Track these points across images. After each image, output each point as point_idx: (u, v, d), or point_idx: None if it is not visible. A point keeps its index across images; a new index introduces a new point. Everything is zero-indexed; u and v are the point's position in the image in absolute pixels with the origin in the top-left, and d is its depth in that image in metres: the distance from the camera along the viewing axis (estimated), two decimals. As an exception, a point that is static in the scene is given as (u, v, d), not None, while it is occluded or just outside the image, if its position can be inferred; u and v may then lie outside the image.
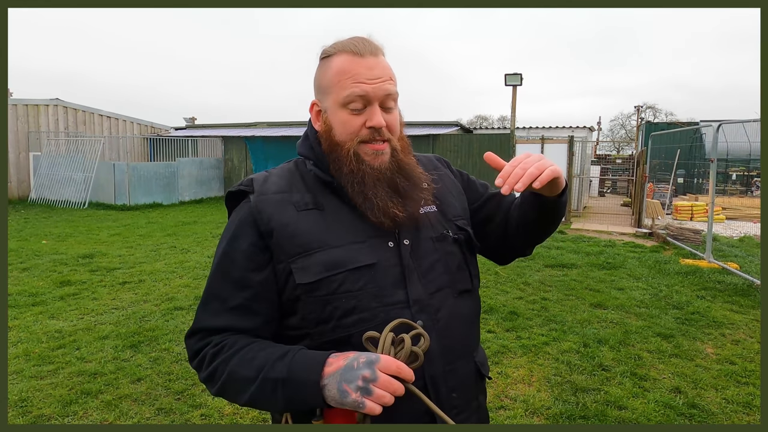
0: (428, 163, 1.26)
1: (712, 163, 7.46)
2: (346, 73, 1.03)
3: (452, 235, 1.12)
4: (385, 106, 1.05)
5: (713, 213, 7.27)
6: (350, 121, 1.04)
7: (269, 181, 1.10)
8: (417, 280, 1.04)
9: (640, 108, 34.80)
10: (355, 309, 0.99)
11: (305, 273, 1.00)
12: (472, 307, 1.14)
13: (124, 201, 13.82)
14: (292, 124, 17.41)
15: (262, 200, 1.06)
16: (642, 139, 21.18)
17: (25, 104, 15.70)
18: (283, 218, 1.03)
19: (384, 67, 1.06)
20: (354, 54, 1.04)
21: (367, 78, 1.02)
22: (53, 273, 6.38)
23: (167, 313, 4.89)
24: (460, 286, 1.11)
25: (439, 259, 1.09)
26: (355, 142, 1.04)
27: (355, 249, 1.02)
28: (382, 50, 1.09)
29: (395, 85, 1.07)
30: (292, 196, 1.07)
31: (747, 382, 3.59)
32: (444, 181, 1.23)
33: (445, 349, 1.04)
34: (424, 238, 1.09)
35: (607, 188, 21.73)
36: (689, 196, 16.51)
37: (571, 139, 11.96)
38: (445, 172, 1.27)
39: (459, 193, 1.24)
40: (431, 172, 1.21)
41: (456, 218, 1.17)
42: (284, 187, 1.09)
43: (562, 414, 3.13)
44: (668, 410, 3.20)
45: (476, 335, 1.17)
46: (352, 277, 1.00)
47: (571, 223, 11.50)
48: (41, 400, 3.22)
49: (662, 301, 5.45)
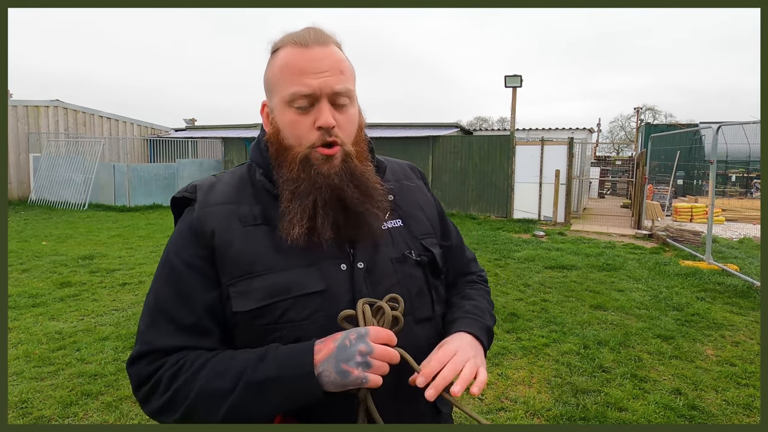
0: (399, 170, 1.14)
1: (712, 164, 7.46)
2: (289, 67, 0.91)
3: (414, 257, 1.00)
4: (336, 103, 0.92)
5: (713, 214, 7.28)
6: (298, 121, 0.92)
7: (215, 189, 0.98)
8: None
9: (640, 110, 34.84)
10: (300, 341, 0.87)
11: (245, 299, 0.89)
12: (431, 336, 1.00)
13: (124, 202, 13.83)
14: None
15: (205, 213, 0.94)
16: (641, 141, 21.21)
17: (25, 105, 15.71)
18: (226, 234, 0.92)
19: (334, 60, 0.92)
20: (298, 45, 0.92)
21: (312, 72, 0.90)
22: (53, 274, 6.38)
23: (167, 315, 4.88)
24: (420, 314, 0.99)
25: (398, 282, 0.97)
26: (305, 146, 0.91)
27: (302, 273, 0.91)
28: (335, 41, 0.96)
29: (349, 79, 0.94)
30: (239, 209, 0.95)
31: (747, 383, 3.59)
32: (414, 193, 1.11)
33: (399, 384, 0.91)
34: (383, 259, 0.97)
35: (607, 190, 21.75)
36: (689, 197, 16.53)
37: (570, 141, 11.97)
38: (418, 184, 1.15)
39: (430, 207, 1.13)
40: (401, 180, 1.10)
41: (423, 236, 1.05)
42: (231, 197, 0.97)
43: (563, 415, 3.13)
44: (668, 412, 3.20)
45: None
46: (298, 305, 0.89)
47: (570, 225, 11.51)
48: (41, 401, 3.22)
49: (662, 303, 5.45)
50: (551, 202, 11.95)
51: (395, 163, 1.16)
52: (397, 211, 1.05)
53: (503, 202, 12.68)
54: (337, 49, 0.95)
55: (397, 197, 1.06)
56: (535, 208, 12.23)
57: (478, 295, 1.14)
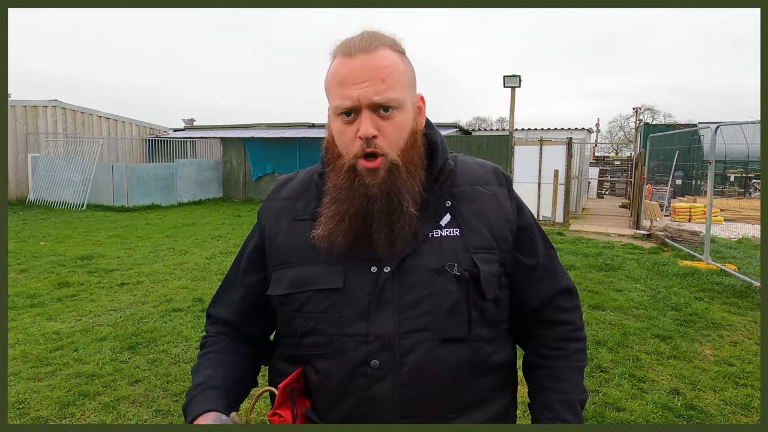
0: (478, 174, 1.06)
1: (711, 164, 7.47)
2: (335, 77, 0.93)
3: (454, 272, 0.94)
4: (380, 112, 0.91)
5: (711, 214, 7.28)
6: (344, 131, 0.93)
7: (287, 186, 1.10)
8: (390, 315, 0.92)
9: (639, 110, 34.88)
10: (313, 331, 0.96)
11: (277, 285, 1.01)
12: (461, 360, 0.94)
13: (122, 202, 13.81)
14: (291, 126, 17.41)
15: (268, 207, 1.09)
16: (640, 141, 21.23)
17: (23, 105, 15.70)
18: (275, 228, 1.04)
19: (376, 68, 0.90)
20: (344, 55, 0.92)
21: (352, 83, 0.90)
22: (51, 274, 6.37)
23: (165, 315, 4.88)
24: (446, 333, 0.93)
25: (430, 295, 0.93)
26: (351, 156, 0.93)
27: (328, 269, 0.95)
28: (389, 42, 0.94)
29: (392, 87, 0.91)
30: (296, 204, 1.05)
31: (745, 383, 3.60)
32: (485, 201, 1.02)
33: (405, 398, 0.92)
34: (420, 268, 0.94)
35: (606, 190, 21.75)
36: (687, 197, 16.55)
37: (569, 141, 11.98)
38: (496, 190, 1.05)
39: (501, 220, 1.02)
40: (475, 185, 1.04)
41: (477, 249, 0.97)
42: (296, 193, 1.07)
43: (561, 415, 3.13)
44: (666, 412, 3.20)
45: (468, 395, 0.97)
46: (316, 298, 0.95)
47: (569, 225, 11.52)
48: (39, 401, 3.21)
49: (660, 303, 5.45)
50: (550, 202, 11.96)
51: (477, 166, 1.09)
52: (458, 219, 0.99)
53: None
54: (387, 53, 0.92)
55: (461, 204, 1.00)
56: (534, 208, 12.23)
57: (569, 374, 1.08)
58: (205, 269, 6.77)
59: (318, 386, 0.97)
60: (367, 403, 0.93)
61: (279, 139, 16.12)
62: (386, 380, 0.92)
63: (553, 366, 1.08)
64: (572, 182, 12.38)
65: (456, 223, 0.99)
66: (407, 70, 0.96)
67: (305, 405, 0.98)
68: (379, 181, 0.92)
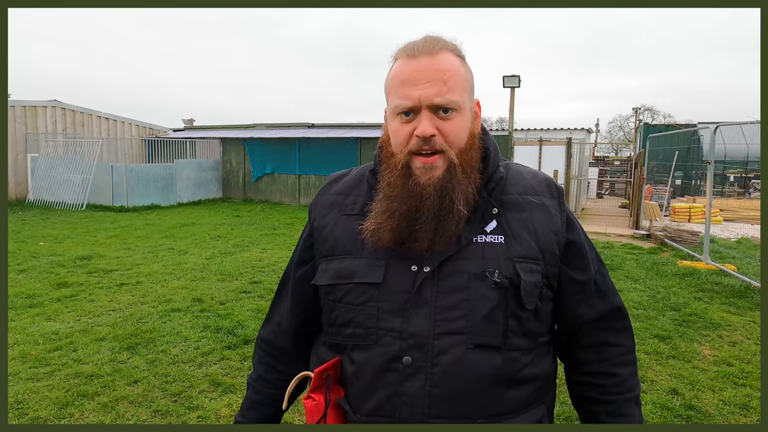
0: (530, 184, 1.05)
1: (710, 164, 7.47)
2: (397, 78, 0.96)
3: (494, 278, 0.94)
4: (440, 113, 0.93)
5: (711, 215, 7.28)
6: (400, 129, 0.96)
7: (340, 181, 1.13)
8: (426, 314, 0.94)
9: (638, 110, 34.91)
10: (351, 322, 1.00)
11: (322, 275, 1.05)
12: (494, 368, 0.94)
13: (122, 203, 13.81)
14: (291, 126, 17.40)
15: (318, 201, 1.13)
16: (640, 141, 21.23)
17: (23, 106, 15.68)
18: (323, 220, 1.08)
19: (438, 70, 0.93)
20: (408, 57, 0.95)
21: (414, 84, 0.93)
22: (50, 275, 6.36)
23: (164, 315, 4.88)
24: (480, 339, 0.93)
25: (468, 299, 0.94)
26: (405, 153, 0.95)
27: (370, 263, 0.99)
28: (450, 47, 0.97)
29: (453, 89, 0.93)
30: (346, 199, 1.08)
31: (744, 383, 3.60)
32: (533, 212, 1.02)
33: (435, 399, 0.93)
34: (460, 271, 0.95)
35: (605, 190, 21.75)
36: (687, 197, 16.56)
37: (569, 141, 11.98)
38: (547, 202, 1.04)
39: (549, 232, 1.01)
40: (525, 195, 1.03)
41: (521, 259, 0.97)
42: (347, 189, 1.10)
43: (560, 415, 3.13)
44: (665, 412, 3.20)
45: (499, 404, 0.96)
46: (357, 291, 0.99)
47: (569, 225, 11.51)
48: (37, 402, 3.21)
49: (660, 303, 5.46)
50: (549, 203, 11.94)
51: (530, 175, 1.08)
52: (504, 226, 0.99)
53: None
54: (449, 57, 0.95)
55: (508, 212, 1.01)
56: (534, 208, 12.23)
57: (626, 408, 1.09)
58: (205, 269, 6.77)
59: (353, 376, 1.00)
60: (396, 399, 0.94)
61: (279, 139, 16.11)
62: (417, 378, 0.93)
63: (609, 401, 1.08)
64: (572, 182, 12.38)
65: (501, 230, 0.99)
66: (467, 75, 0.99)
67: (339, 393, 1.01)
68: (436, 178, 0.94)
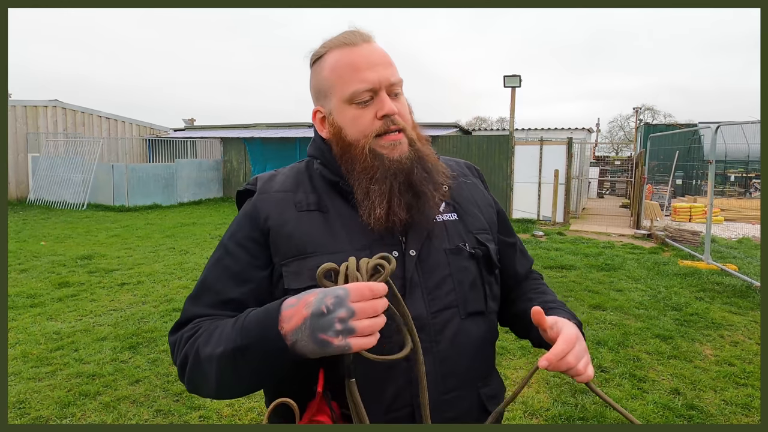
0: (456, 167, 1.15)
1: (711, 164, 7.47)
2: (344, 67, 0.95)
3: (468, 249, 1.01)
4: (392, 92, 0.97)
5: (712, 214, 7.28)
6: (360, 116, 0.96)
7: (274, 180, 1.06)
8: (420, 297, 0.95)
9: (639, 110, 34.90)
10: None
11: (296, 278, 0.93)
12: (483, 332, 1.02)
13: (122, 202, 13.81)
14: (291, 126, 17.41)
15: (262, 199, 1.02)
16: (640, 141, 21.22)
17: (24, 105, 15.69)
18: (280, 218, 0.98)
19: (382, 53, 0.98)
20: (346, 46, 0.96)
21: (366, 67, 0.94)
22: (51, 274, 6.37)
23: (166, 315, 4.88)
24: (471, 307, 1.00)
25: (450, 274, 0.98)
26: (370, 137, 0.95)
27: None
28: (373, 37, 1.00)
29: (397, 69, 0.99)
30: (295, 196, 1.01)
31: (746, 383, 3.60)
32: (471, 190, 1.12)
33: (443, 376, 0.95)
34: (436, 249, 0.99)
35: (606, 189, 21.75)
36: (688, 197, 16.55)
37: (569, 141, 11.97)
38: (474, 181, 1.16)
39: (487, 205, 1.13)
40: (457, 177, 1.12)
41: (478, 231, 1.06)
42: (289, 186, 1.03)
43: (561, 415, 3.13)
44: (667, 411, 3.20)
45: (486, 364, 1.05)
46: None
47: (569, 225, 11.51)
48: (39, 401, 3.22)
49: (661, 303, 5.45)
50: (550, 202, 11.95)
51: (453, 161, 1.17)
52: (453, 204, 1.06)
53: (502, 202, 12.64)
54: (379, 44, 1.00)
55: (453, 191, 1.08)
56: (534, 208, 12.23)
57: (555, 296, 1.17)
58: (206, 269, 6.78)
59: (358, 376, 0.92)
60: (411, 385, 0.92)
61: (279, 139, 16.12)
62: (427, 360, 0.93)
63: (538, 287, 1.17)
64: (572, 182, 12.37)
65: (451, 208, 1.06)
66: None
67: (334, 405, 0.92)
68: (406, 153, 0.97)
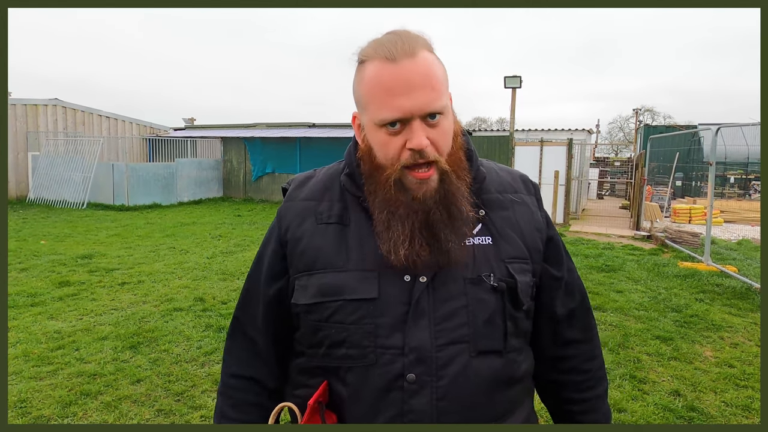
0: (507, 182, 1.04)
1: (711, 166, 7.47)
2: (378, 87, 0.86)
3: (491, 282, 0.92)
4: (427, 118, 0.87)
5: (711, 216, 7.28)
6: (389, 142, 0.88)
7: (305, 185, 1.03)
8: (425, 326, 0.89)
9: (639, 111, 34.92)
10: (344, 343, 0.90)
11: (303, 293, 0.94)
12: (497, 372, 0.93)
13: (122, 201, 13.81)
14: (291, 125, 17.41)
15: (288, 207, 1.01)
16: (640, 142, 21.24)
17: (24, 104, 15.67)
18: (298, 231, 0.97)
19: (424, 74, 0.86)
20: (387, 61, 0.86)
21: (402, 93, 0.85)
22: (52, 273, 6.37)
23: (166, 314, 4.88)
24: (483, 345, 0.91)
25: (466, 306, 0.91)
26: (397, 167, 0.88)
27: (360, 277, 0.91)
28: (424, 44, 0.89)
29: (441, 94, 0.88)
30: (319, 205, 0.98)
31: (746, 385, 3.60)
32: (517, 210, 1.01)
33: (442, 412, 0.89)
34: (455, 278, 0.91)
35: (606, 191, 21.77)
36: (687, 199, 16.57)
37: (569, 142, 11.99)
38: (526, 200, 1.04)
39: (533, 230, 1.01)
40: (505, 193, 1.02)
41: (512, 259, 0.95)
42: (316, 193, 1.00)
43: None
44: (667, 413, 3.20)
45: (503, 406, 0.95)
46: (348, 308, 0.90)
47: (569, 226, 11.52)
48: (40, 401, 3.22)
49: (661, 304, 5.46)
50: (550, 203, 11.96)
51: (506, 173, 1.06)
52: (489, 227, 0.97)
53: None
54: (428, 57, 0.88)
55: (492, 212, 0.98)
56: (534, 208, 12.22)
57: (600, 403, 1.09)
58: (206, 269, 6.78)
59: (349, 400, 0.91)
60: (403, 418, 0.89)
61: (279, 139, 16.12)
62: (423, 394, 0.88)
63: (583, 399, 1.09)
64: (572, 183, 12.38)
65: (487, 231, 0.96)
66: (444, 71, 0.92)
67: (332, 419, 0.93)
68: (432, 192, 0.89)
